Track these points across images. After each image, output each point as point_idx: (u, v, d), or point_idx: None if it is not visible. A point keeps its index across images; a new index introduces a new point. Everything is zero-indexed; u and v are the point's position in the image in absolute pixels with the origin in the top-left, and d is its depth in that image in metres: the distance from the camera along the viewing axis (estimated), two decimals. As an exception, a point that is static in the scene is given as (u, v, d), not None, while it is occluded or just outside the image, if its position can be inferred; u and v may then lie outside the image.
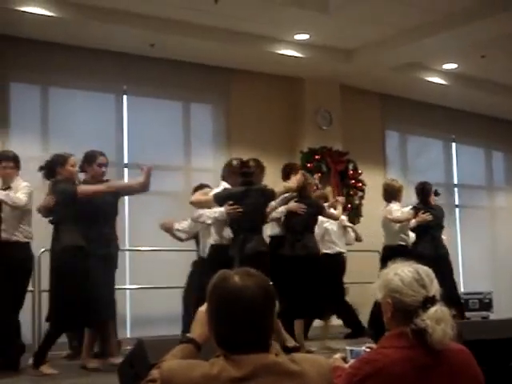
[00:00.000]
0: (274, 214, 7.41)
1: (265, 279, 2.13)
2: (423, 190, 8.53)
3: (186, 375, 2.01)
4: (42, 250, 7.17)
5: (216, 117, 10.86)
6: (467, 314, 10.05)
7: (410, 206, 8.45)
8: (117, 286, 9.02)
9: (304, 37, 10.03)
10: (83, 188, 6.41)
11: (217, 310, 2.11)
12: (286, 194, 7.41)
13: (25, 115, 9.14)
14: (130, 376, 3.71)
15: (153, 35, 9.27)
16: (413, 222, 8.30)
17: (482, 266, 13.21)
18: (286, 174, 7.72)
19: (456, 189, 13.69)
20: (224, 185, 7.04)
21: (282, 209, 7.40)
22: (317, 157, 10.98)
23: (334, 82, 11.35)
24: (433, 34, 9.68)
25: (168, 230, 7.73)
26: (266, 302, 2.08)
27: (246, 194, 6.71)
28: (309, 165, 10.80)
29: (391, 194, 8.40)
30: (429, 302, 2.48)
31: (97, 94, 9.89)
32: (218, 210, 6.76)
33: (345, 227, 8.86)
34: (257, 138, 10.59)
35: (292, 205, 7.39)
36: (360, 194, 11.49)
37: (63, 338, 6.90)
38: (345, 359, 2.88)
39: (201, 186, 7.46)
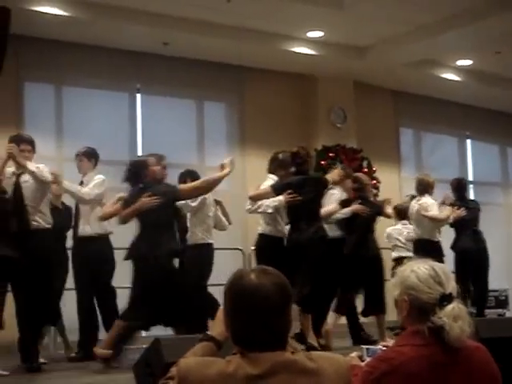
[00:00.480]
0: (339, 215, 7.58)
1: (281, 277, 2.12)
2: (459, 186, 8.64)
3: (202, 372, 2.01)
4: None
5: (229, 115, 10.87)
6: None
7: (438, 201, 8.50)
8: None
9: (317, 34, 10.00)
10: (183, 187, 6.48)
11: (232, 307, 2.11)
12: (334, 191, 7.61)
13: (39, 114, 9.18)
14: (145, 374, 3.71)
15: (166, 34, 9.28)
16: (451, 218, 8.41)
17: (497, 264, 13.07)
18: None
19: (471, 186, 13.61)
20: (272, 178, 7.18)
21: (346, 210, 7.56)
22: (331, 154, 10.97)
23: (347, 80, 11.32)
24: (447, 31, 9.64)
25: None
26: (281, 299, 2.07)
27: (303, 182, 6.86)
28: (323, 162, 10.78)
29: (425, 187, 8.42)
30: (445, 299, 2.46)
31: (110, 93, 9.93)
32: (278, 199, 6.86)
33: None
34: (270, 136, 10.57)
35: (357, 207, 7.56)
36: (374, 191, 11.45)
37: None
38: (361, 358, 2.86)
39: (189, 173, 7.42)
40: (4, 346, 6.96)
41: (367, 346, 2.96)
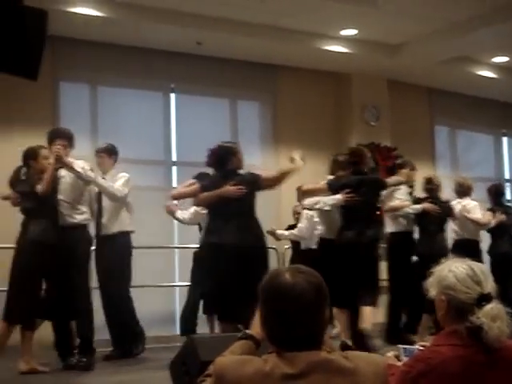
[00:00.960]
0: (408, 210, 7.77)
1: (316, 276, 2.11)
2: (497, 191, 8.68)
3: (239, 371, 2.01)
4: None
5: (263, 114, 10.87)
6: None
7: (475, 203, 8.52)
8: (167, 284, 9.27)
9: (351, 32, 9.96)
10: (266, 177, 6.32)
11: (267, 306, 2.11)
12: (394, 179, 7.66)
13: (74, 114, 9.26)
14: (181, 373, 3.73)
15: (200, 33, 9.30)
16: (492, 223, 8.47)
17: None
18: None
19: (507, 184, 13.46)
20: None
21: (417, 207, 7.79)
22: (365, 153, 10.90)
23: (381, 77, 11.26)
24: (482, 27, 9.53)
25: (171, 213, 7.87)
26: (316, 298, 2.06)
27: (360, 183, 6.87)
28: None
29: (465, 190, 8.53)
30: (484, 299, 2.43)
31: (145, 93, 9.98)
32: (336, 198, 6.90)
33: None
34: (304, 135, 10.56)
35: (428, 205, 7.78)
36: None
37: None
38: (398, 357, 2.85)
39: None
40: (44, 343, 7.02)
41: (404, 346, 2.93)
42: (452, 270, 2.52)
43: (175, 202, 7.67)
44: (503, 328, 2.39)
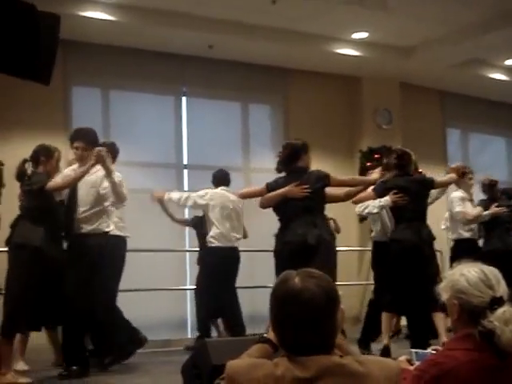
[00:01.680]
0: (483, 218, 8.18)
1: (327, 280, 2.10)
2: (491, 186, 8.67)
3: (250, 374, 2.01)
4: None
5: (274, 117, 10.87)
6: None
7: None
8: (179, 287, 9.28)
9: (362, 35, 9.95)
10: (334, 178, 6.39)
11: (277, 310, 2.11)
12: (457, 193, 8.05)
13: (86, 118, 9.26)
14: (193, 376, 3.74)
15: (211, 37, 9.32)
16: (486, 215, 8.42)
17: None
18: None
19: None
20: None
21: (485, 213, 8.19)
22: (376, 156, 10.88)
23: (393, 80, 11.24)
24: (494, 30, 9.49)
25: (160, 201, 8.00)
26: (326, 303, 2.05)
27: (408, 183, 6.93)
28: (368, 164, 10.72)
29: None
30: (496, 302, 2.42)
31: (156, 96, 10.00)
32: (384, 199, 6.96)
33: None
34: (315, 138, 10.49)
35: (496, 210, 8.21)
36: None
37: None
38: (410, 361, 2.84)
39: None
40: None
41: (416, 350, 2.92)
42: (464, 273, 2.51)
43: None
44: None
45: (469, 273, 2.50)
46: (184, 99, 10.09)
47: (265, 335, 2.38)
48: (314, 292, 2.04)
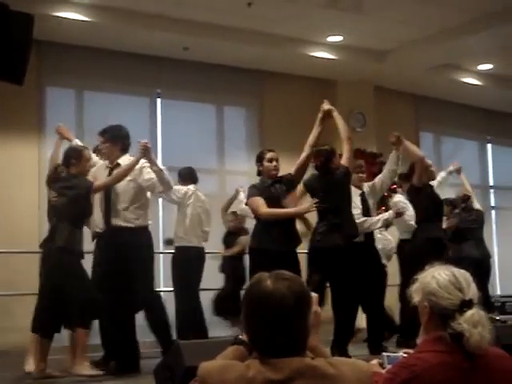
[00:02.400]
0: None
1: (299, 282, 2.11)
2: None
3: (221, 376, 2.01)
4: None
5: (249, 120, 10.89)
6: (504, 317, 9.95)
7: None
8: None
9: (337, 38, 9.99)
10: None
11: (248, 312, 2.11)
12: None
13: (60, 119, 9.20)
14: (166, 378, 3.73)
15: (186, 39, 9.31)
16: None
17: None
18: None
19: (492, 190, 13.53)
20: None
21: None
22: (350, 159, 10.93)
23: (367, 84, 11.30)
24: (467, 35, 9.60)
25: None
26: (296, 305, 2.06)
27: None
28: (342, 167, 10.78)
29: None
30: (465, 305, 2.44)
31: (131, 98, 9.98)
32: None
33: None
34: (290, 140, 10.52)
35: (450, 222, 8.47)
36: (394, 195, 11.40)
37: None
38: (382, 365, 2.85)
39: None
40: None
41: (388, 354, 2.93)
42: (435, 276, 2.53)
43: None
44: (484, 334, 2.40)
45: (439, 275, 2.53)
46: (159, 101, 10.08)
47: (240, 337, 2.38)
48: (285, 294, 2.04)
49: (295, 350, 2.05)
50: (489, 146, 13.62)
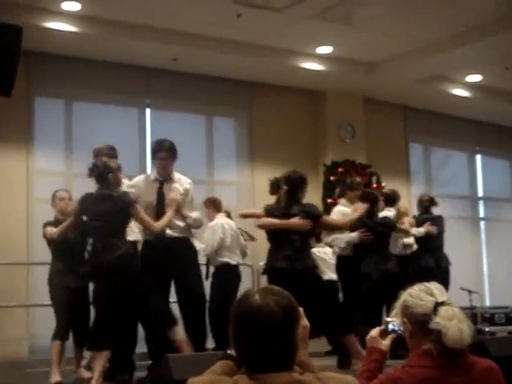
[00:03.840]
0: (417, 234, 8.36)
1: (287, 298, 2.09)
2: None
3: None
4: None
5: (239, 130, 10.88)
6: (493, 328, 9.96)
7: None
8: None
9: (327, 50, 10.01)
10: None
11: (237, 328, 2.09)
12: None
13: (49, 129, 9.23)
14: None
15: (175, 49, 9.31)
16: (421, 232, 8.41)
17: (508, 280, 13.06)
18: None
19: (481, 201, 13.58)
20: None
21: (422, 230, 8.34)
22: (340, 170, 10.95)
23: (356, 95, 11.33)
24: (456, 47, 9.64)
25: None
26: (285, 321, 2.04)
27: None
28: (332, 178, 10.78)
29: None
30: (439, 305, 2.47)
31: (120, 108, 9.97)
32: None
33: None
34: (279, 151, 10.58)
35: (430, 228, 8.37)
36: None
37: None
38: (385, 332, 2.82)
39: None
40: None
41: (390, 319, 2.85)
42: (408, 291, 2.59)
43: None
44: (462, 327, 2.41)
45: (412, 289, 2.60)
46: (148, 111, 10.06)
47: (229, 352, 2.36)
48: (273, 310, 2.02)
49: (284, 365, 2.03)
50: (478, 156, 13.66)
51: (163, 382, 3.66)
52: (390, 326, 2.79)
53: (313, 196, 10.82)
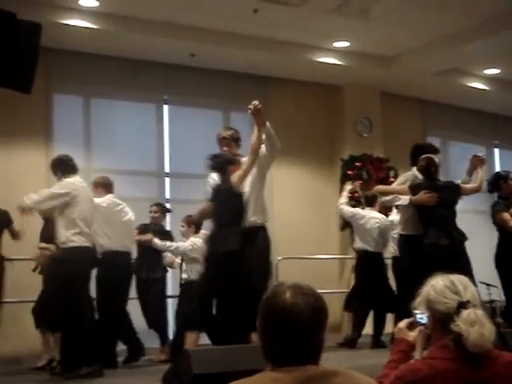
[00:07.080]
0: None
1: (317, 296, 2.09)
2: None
3: None
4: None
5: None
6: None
7: None
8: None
9: (344, 44, 10.00)
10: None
11: (264, 324, 2.10)
12: None
13: (67, 126, 9.28)
14: (174, 385, 3.73)
15: (193, 45, 9.33)
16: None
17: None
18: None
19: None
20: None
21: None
22: (358, 164, 10.93)
23: (373, 89, 11.30)
24: (474, 40, 9.59)
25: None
26: (314, 320, 2.05)
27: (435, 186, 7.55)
28: (350, 172, 10.77)
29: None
30: (462, 306, 2.46)
31: (138, 104, 10.00)
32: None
33: None
34: (296, 146, 10.58)
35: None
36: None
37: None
38: (412, 324, 2.83)
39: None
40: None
41: (418, 311, 2.87)
42: (432, 284, 2.58)
43: None
44: (483, 332, 2.40)
45: (436, 283, 2.57)
46: (166, 107, 10.10)
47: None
48: (303, 310, 2.03)
49: (310, 358, 2.05)
50: (496, 150, 13.59)
51: (184, 375, 3.68)
52: (418, 318, 2.80)
53: (330, 190, 10.85)
